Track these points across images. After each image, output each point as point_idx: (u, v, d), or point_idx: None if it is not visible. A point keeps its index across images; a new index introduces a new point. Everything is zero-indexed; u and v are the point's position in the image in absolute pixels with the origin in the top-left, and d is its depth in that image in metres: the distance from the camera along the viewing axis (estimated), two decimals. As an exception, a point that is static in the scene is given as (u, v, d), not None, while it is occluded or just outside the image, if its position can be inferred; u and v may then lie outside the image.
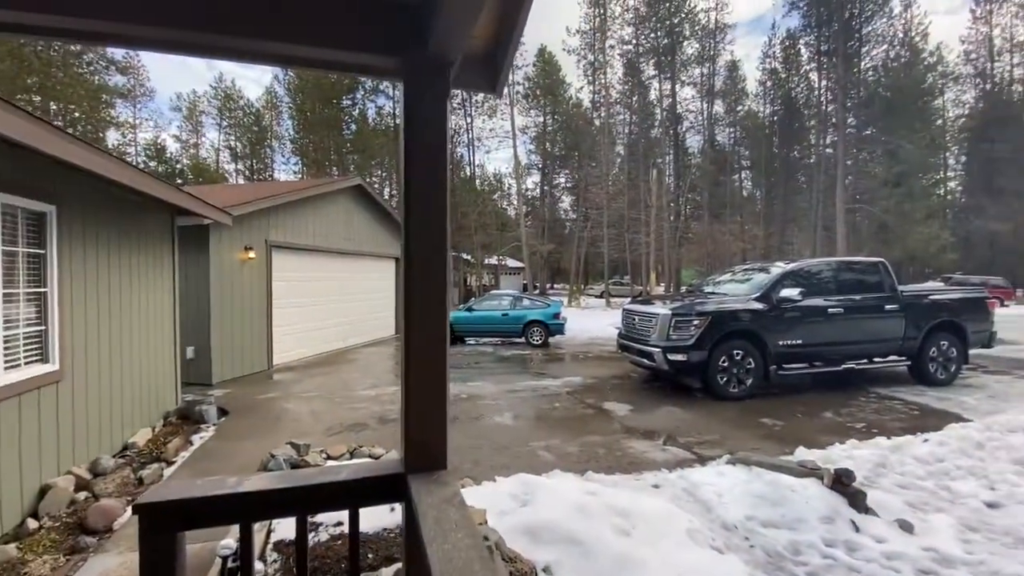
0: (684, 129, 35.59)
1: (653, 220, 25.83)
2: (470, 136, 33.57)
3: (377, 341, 12.72)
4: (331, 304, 11.04)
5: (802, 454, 4.16)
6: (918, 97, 30.12)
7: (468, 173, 34.02)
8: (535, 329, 12.26)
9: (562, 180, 40.96)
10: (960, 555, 2.83)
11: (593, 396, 6.95)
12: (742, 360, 6.66)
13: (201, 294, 7.60)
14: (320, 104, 37.67)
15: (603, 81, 31.28)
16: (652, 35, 32.09)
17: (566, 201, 42.55)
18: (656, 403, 6.53)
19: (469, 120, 33.19)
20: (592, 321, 17.49)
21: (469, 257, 30.23)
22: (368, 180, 34.14)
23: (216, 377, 7.68)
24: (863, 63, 29.82)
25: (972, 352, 7.77)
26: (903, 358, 7.41)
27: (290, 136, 41.32)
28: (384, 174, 38.14)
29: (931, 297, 7.67)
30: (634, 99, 33.23)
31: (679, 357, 6.59)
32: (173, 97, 44.40)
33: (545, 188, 39.87)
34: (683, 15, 32.25)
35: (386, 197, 35.69)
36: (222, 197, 8.75)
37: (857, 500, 3.20)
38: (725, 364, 6.62)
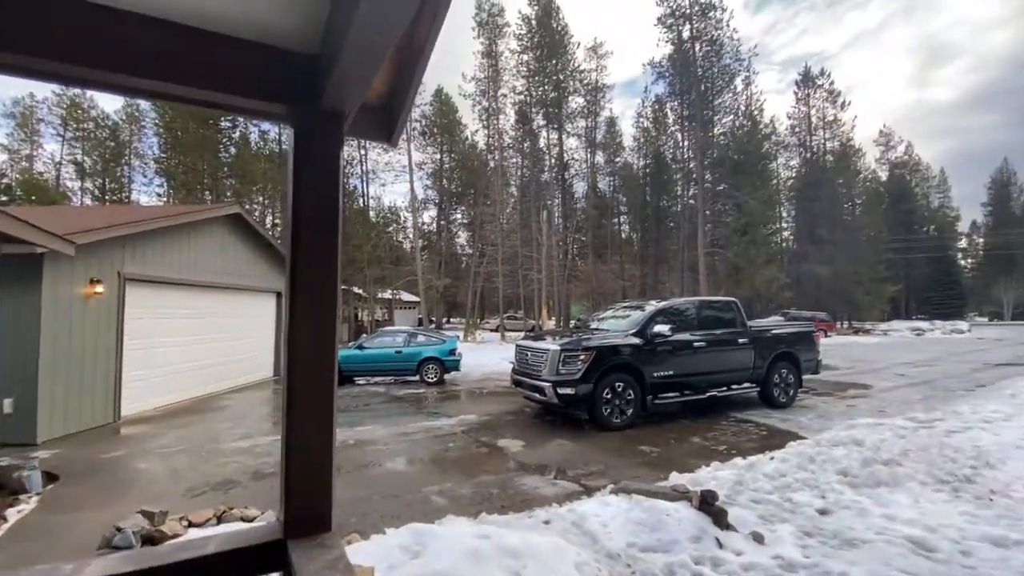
0: (571, 175, 38.34)
1: (544, 258, 27.14)
2: (364, 168, 32.89)
3: (254, 384, 11.58)
4: (200, 344, 9.89)
5: (675, 478, 4.55)
6: (758, 160, 35.80)
7: (362, 204, 33.10)
8: (430, 366, 12.06)
9: (459, 216, 41.63)
10: (800, 559, 3.26)
11: (488, 434, 6.97)
12: (623, 391, 7.17)
13: (28, 335, 6.39)
14: (194, 123, 34.37)
15: (497, 126, 32.80)
16: (541, 88, 34.56)
17: (463, 237, 43.15)
18: (547, 437, 6.73)
19: (363, 152, 32.58)
20: (488, 356, 17.64)
21: (361, 291, 29.07)
22: (248, 208, 31.66)
23: (43, 435, 6.41)
24: (716, 129, 34.87)
25: (804, 378, 9.18)
26: (754, 385, 8.51)
27: (155, 155, 37.01)
28: (267, 201, 35.62)
29: (773, 331, 8.98)
30: (525, 145, 35.21)
31: (568, 390, 6.91)
32: (6, 101, 37.61)
33: (442, 223, 40.17)
34: (568, 72, 35.28)
35: (268, 226, 33.29)
36: (64, 221, 7.56)
37: (720, 518, 3.57)
38: (608, 396, 7.07)
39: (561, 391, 6.92)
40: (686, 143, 35.53)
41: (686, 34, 33.18)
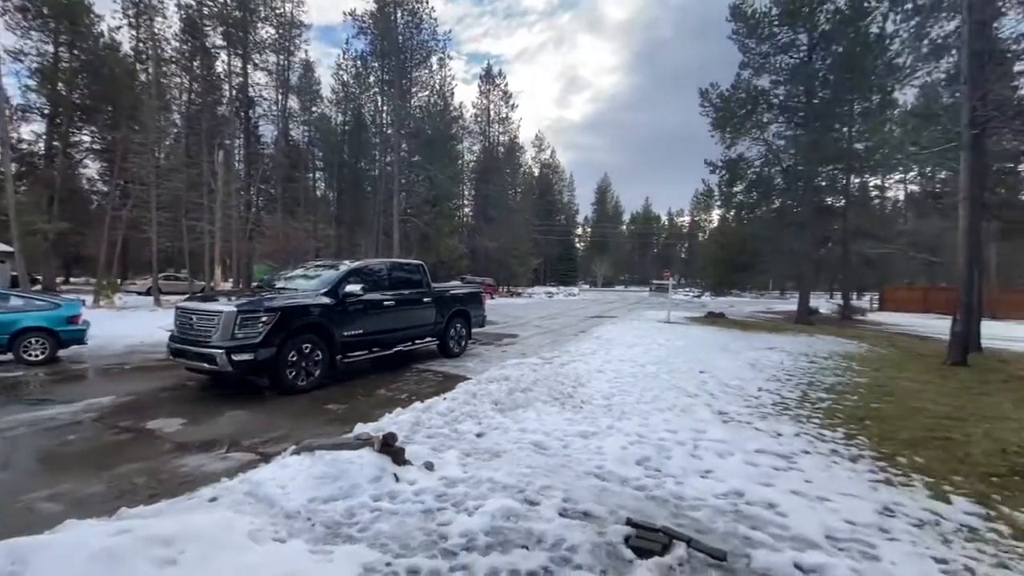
0: (257, 115, 33.41)
1: (219, 207, 23.03)
2: None
3: None
4: None
5: (360, 429, 4.75)
6: (448, 140, 39.31)
7: None
8: (32, 340, 8.76)
9: (87, 139, 30.62)
10: (460, 475, 3.93)
11: (132, 417, 5.63)
12: (311, 353, 6.94)
13: None
14: None
15: (152, 29, 25.39)
16: (221, 1, 28.49)
17: (93, 168, 32.17)
18: (217, 410, 5.93)
19: None
20: (135, 324, 14.03)
21: None
22: None
23: None
24: (413, 100, 36.29)
25: (474, 331, 10.87)
26: (435, 339, 9.57)
27: None
28: None
29: (451, 292, 10.25)
30: (195, 64, 28.63)
31: (246, 356, 6.23)
32: None
33: (56, 144, 28.73)
34: (258, -7, 30.19)
35: None
36: None
37: (398, 456, 3.94)
38: (295, 358, 6.73)
39: (237, 357, 6.17)
40: (385, 108, 35.77)
41: (389, -4, 32.99)
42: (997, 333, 16.42)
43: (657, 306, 29.44)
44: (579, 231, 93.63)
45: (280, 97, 33.09)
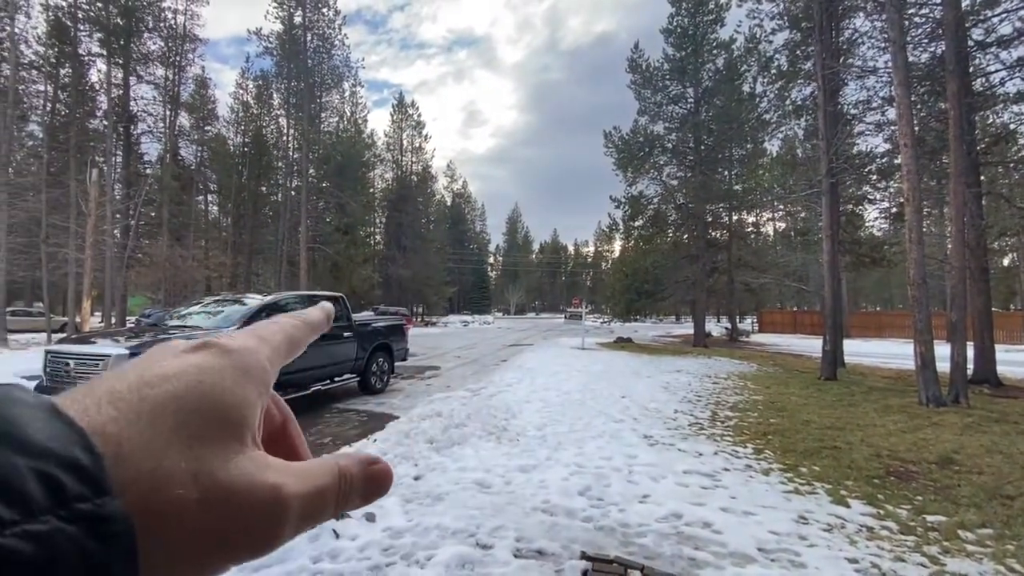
0: (139, 132, 30.22)
1: (90, 232, 20.24)
2: None
3: None
4: None
5: (287, 481, 4.36)
6: (360, 167, 38.38)
7: None
8: None
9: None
10: (405, 524, 3.74)
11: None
12: (219, 398, 6.27)
13: None
14: None
15: (11, 28, 22.20)
16: (99, 5, 25.77)
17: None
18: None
19: None
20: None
21: None
22: None
23: None
24: (323, 125, 35.13)
25: (396, 364, 10.50)
26: (355, 375, 9.09)
27: None
28: None
29: (373, 325, 9.86)
30: (64, 72, 25.43)
31: (141, 406, 5.47)
32: None
33: None
34: (143, 1, 27.73)
35: None
36: None
37: (336, 508, 3.67)
38: (200, 405, 6.03)
39: (129, 407, 5.39)
40: (292, 131, 34.22)
41: (298, 19, 32.04)
42: (853, 350, 19.14)
43: (570, 333, 30.51)
44: (491, 260, 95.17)
45: (169, 114, 30.29)
